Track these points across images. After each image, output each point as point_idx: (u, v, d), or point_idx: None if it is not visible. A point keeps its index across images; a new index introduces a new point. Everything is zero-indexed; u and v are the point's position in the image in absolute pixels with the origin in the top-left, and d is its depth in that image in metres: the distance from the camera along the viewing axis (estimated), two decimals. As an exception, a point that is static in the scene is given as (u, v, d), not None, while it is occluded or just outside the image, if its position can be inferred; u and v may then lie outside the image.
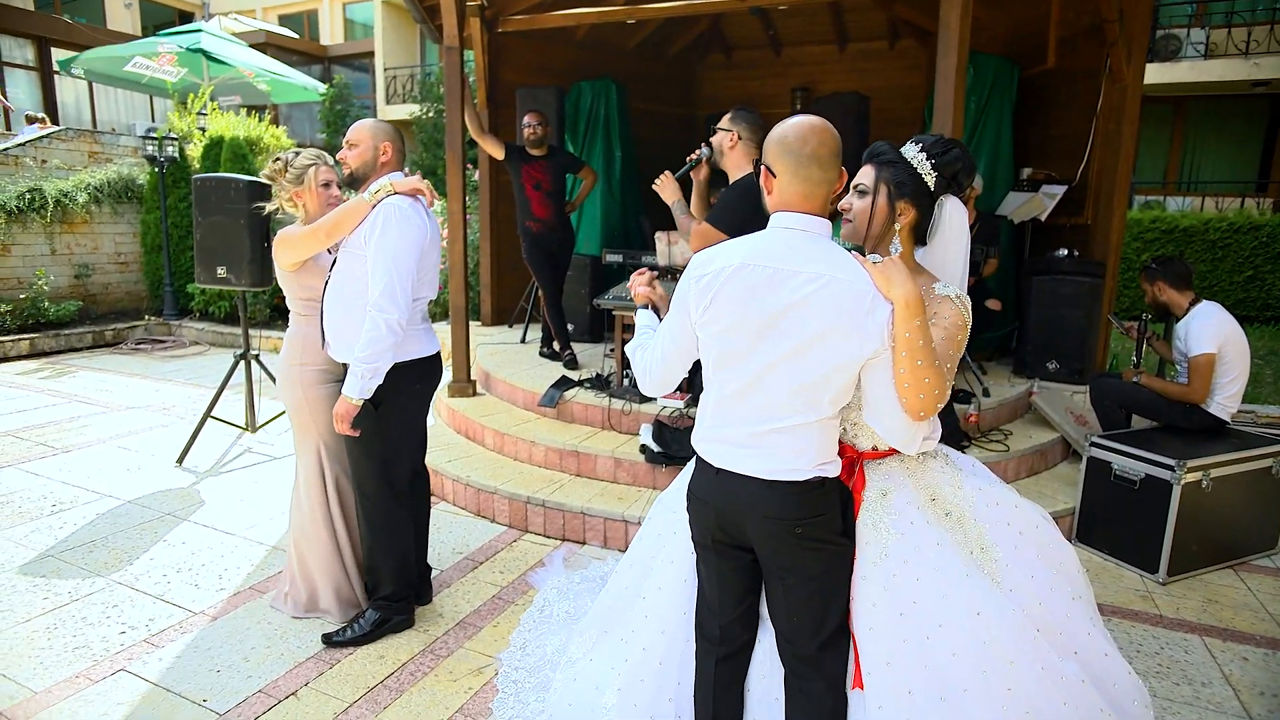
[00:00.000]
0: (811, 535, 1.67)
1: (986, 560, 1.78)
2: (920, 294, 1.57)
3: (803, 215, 1.64)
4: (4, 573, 3.12)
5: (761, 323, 1.59)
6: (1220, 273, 9.09)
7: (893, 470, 1.80)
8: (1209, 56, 10.61)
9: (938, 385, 1.56)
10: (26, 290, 7.74)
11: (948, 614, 1.69)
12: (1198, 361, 3.47)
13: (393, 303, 2.42)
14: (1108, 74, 4.70)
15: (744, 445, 1.67)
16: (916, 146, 1.79)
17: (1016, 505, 1.85)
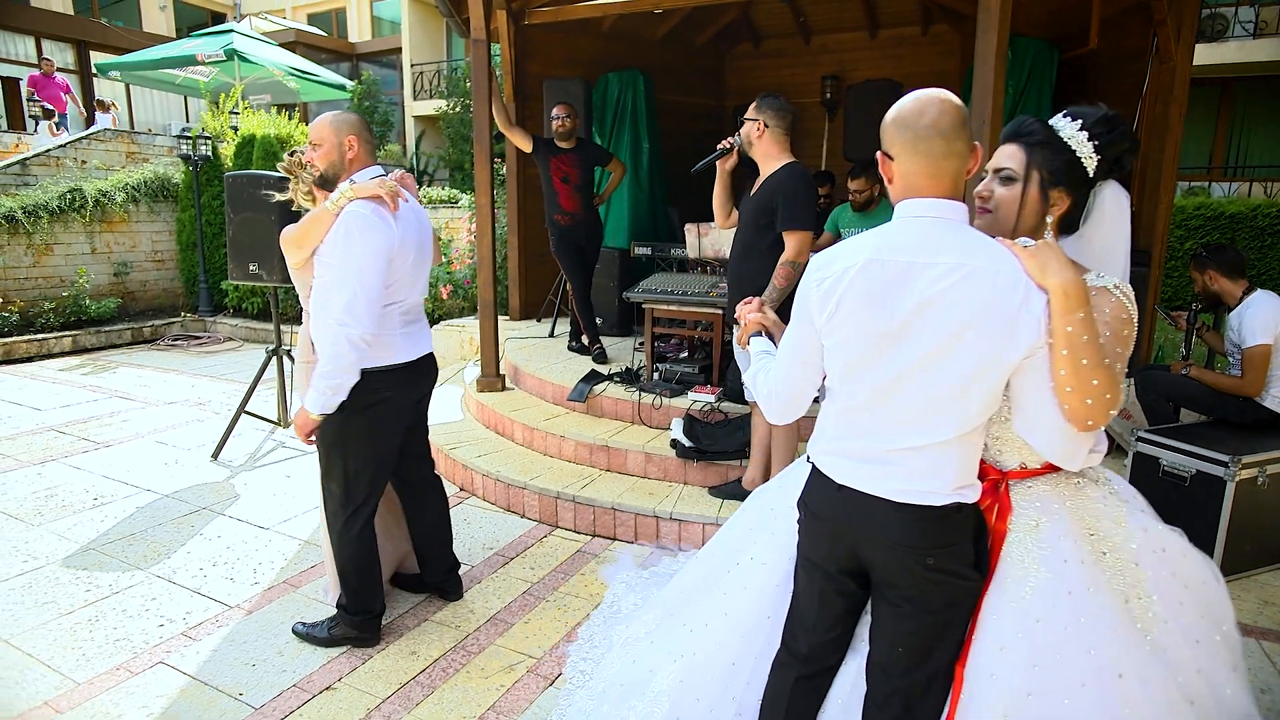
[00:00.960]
0: (942, 566, 1.48)
1: (1143, 613, 1.53)
2: (1081, 280, 1.35)
3: (933, 200, 1.43)
4: (48, 565, 3.18)
5: (894, 324, 1.41)
6: (1270, 261, 8.76)
7: (1045, 496, 1.56)
8: (1259, 35, 10.22)
9: (1108, 388, 1.34)
10: (68, 288, 7.93)
11: (1090, 674, 1.46)
12: (1252, 353, 3.33)
13: (354, 317, 2.30)
14: (1154, 54, 4.53)
15: (871, 461, 1.49)
16: (1074, 123, 1.52)
17: (1185, 555, 1.60)
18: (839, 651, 1.69)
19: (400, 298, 2.51)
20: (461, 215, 8.43)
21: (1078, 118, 1.52)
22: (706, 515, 3.37)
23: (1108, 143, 1.51)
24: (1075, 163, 1.50)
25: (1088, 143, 1.50)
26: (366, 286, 2.32)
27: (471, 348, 6.64)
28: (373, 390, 2.45)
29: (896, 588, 1.53)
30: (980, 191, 1.56)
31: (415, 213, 2.58)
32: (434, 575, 2.92)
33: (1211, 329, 3.94)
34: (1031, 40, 5.12)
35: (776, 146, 3.05)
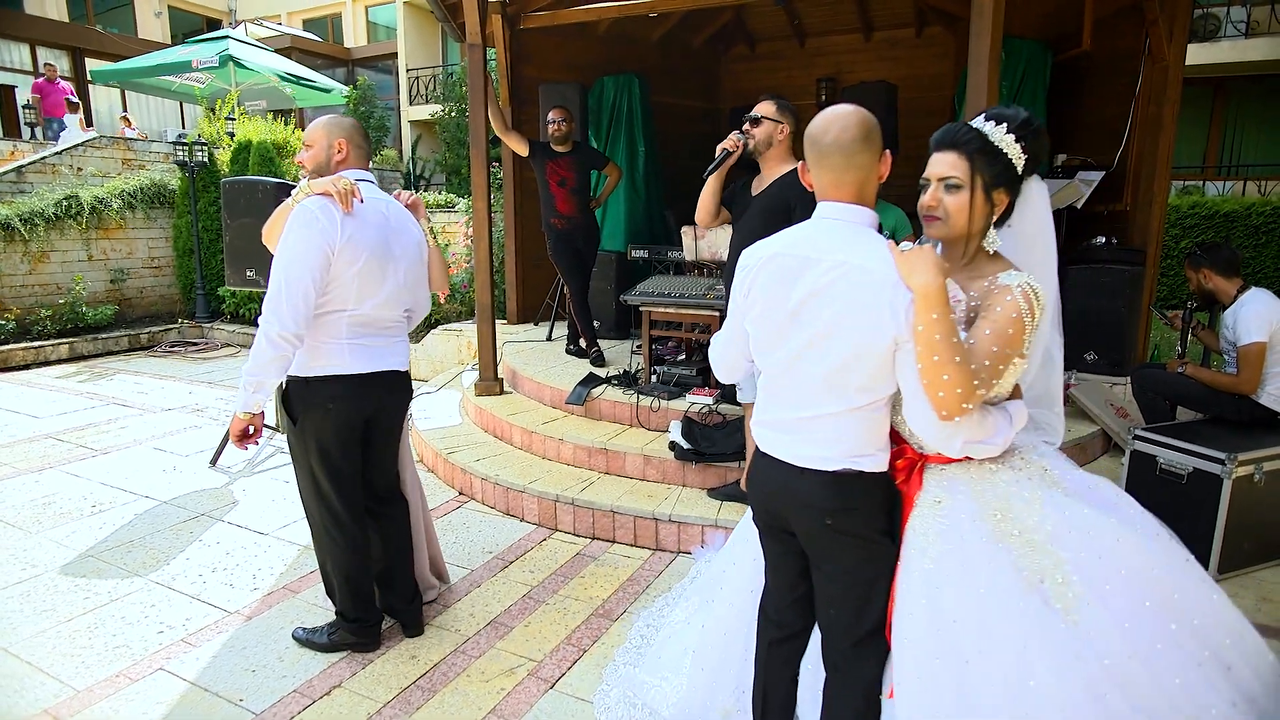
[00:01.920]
0: (843, 528, 1.65)
1: (1061, 594, 1.57)
2: (941, 284, 1.47)
3: (838, 204, 1.63)
4: (46, 573, 3.18)
5: (789, 309, 1.62)
6: (1264, 259, 8.80)
7: (953, 477, 1.67)
8: (1251, 35, 10.27)
9: (959, 384, 1.46)
10: (65, 295, 7.92)
11: (989, 642, 1.56)
12: (1248, 351, 3.34)
13: (275, 314, 2.22)
14: (1147, 55, 4.55)
15: (783, 430, 1.69)
16: (1000, 126, 1.64)
17: (1119, 539, 1.62)
18: (804, 617, 1.83)
19: (344, 306, 2.36)
20: (458, 220, 8.43)
21: (1001, 121, 1.64)
22: (706, 517, 3.37)
23: (1031, 143, 1.64)
24: (1009, 164, 1.63)
25: (1015, 144, 1.63)
26: (291, 283, 2.23)
27: (469, 352, 6.64)
28: (315, 397, 2.39)
29: (815, 549, 1.71)
30: (927, 201, 1.66)
31: (385, 221, 2.44)
32: (398, 599, 2.72)
33: (1207, 327, 3.96)
34: (1025, 42, 5.15)
35: (790, 151, 3.08)
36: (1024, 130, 1.63)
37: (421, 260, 2.62)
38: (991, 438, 1.60)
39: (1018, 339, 1.56)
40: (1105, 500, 1.72)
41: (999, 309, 1.57)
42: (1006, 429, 1.61)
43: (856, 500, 1.64)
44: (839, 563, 1.68)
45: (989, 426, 1.59)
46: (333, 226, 2.28)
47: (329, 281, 2.32)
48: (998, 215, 1.67)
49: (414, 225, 2.61)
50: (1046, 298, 1.60)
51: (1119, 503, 1.74)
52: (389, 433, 2.64)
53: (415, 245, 2.58)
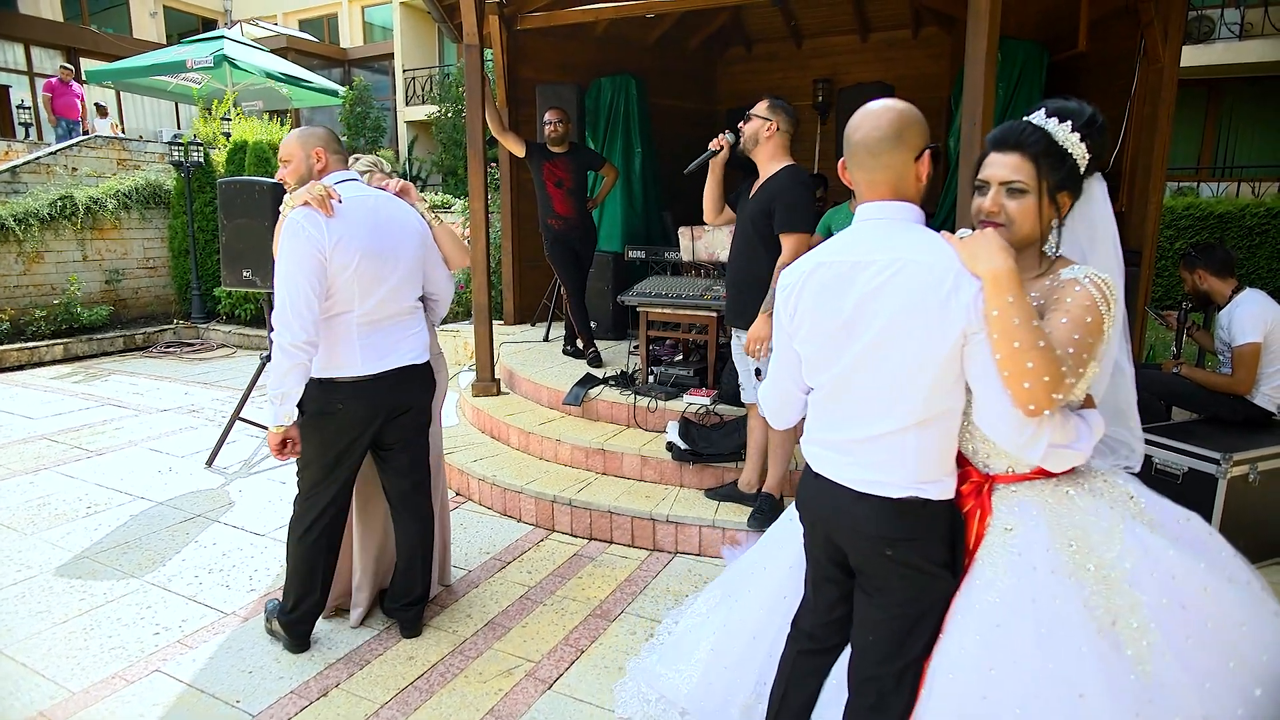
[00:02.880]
0: (904, 559, 1.53)
1: (1134, 640, 1.43)
2: (1012, 265, 1.38)
3: (878, 203, 1.54)
4: (42, 574, 3.16)
5: (841, 320, 1.51)
6: (1258, 260, 8.84)
7: (1025, 501, 1.54)
8: (1244, 37, 10.32)
9: (1046, 370, 1.34)
10: (60, 296, 7.89)
11: (1047, 684, 1.43)
12: (1242, 351, 3.36)
13: (285, 325, 2.27)
14: (1142, 56, 4.57)
15: (839, 451, 1.58)
16: (1064, 124, 1.53)
17: (1206, 589, 1.47)
18: (840, 634, 1.74)
19: (350, 307, 2.38)
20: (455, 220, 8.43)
21: (1065, 118, 1.53)
22: (703, 518, 3.37)
23: (1095, 141, 1.54)
24: (1075, 166, 1.54)
25: (1080, 143, 1.53)
26: (293, 293, 2.28)
27: (466, 352, 6.64)
28: (324, 401, 2.42)
29: (867, 576, 1.60)
30: (988, 206, 1.55)
31: (374, 217, 2.43)
32: (393, 601, 2.74)
33: (1202, 328, 3.97)
34: (1021, 43, 5.17)
35: (781, 149, 3.07)
36: (1089, 128, 1.53)
37: (424, 245, 2.60)
38: (1075, 443, 1.46)
39: (1098, 329, 1.44)
40: (1195, 539, 1.58)
41: (1070, 299, 1.46)
42: (1089, 435, 1.48)
43: (919, 530, 1.52)
44: (891, 594, 1.57)
45: (1070, 430, 1.45)
46: (320, 233, 2.31)
47: (330, 286, 2.35)
48: (1062, 215, 1.58)
49: (408, 213, 2.58)
50: (1119, 292, 1.49)
51: (1209, 543, 1.59)
52: (410, 430, 2.61)
53: (413, 234, 2.55)
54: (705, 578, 3.18)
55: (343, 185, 2.46)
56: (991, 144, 1.58)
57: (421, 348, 2.57)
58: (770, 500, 3.30)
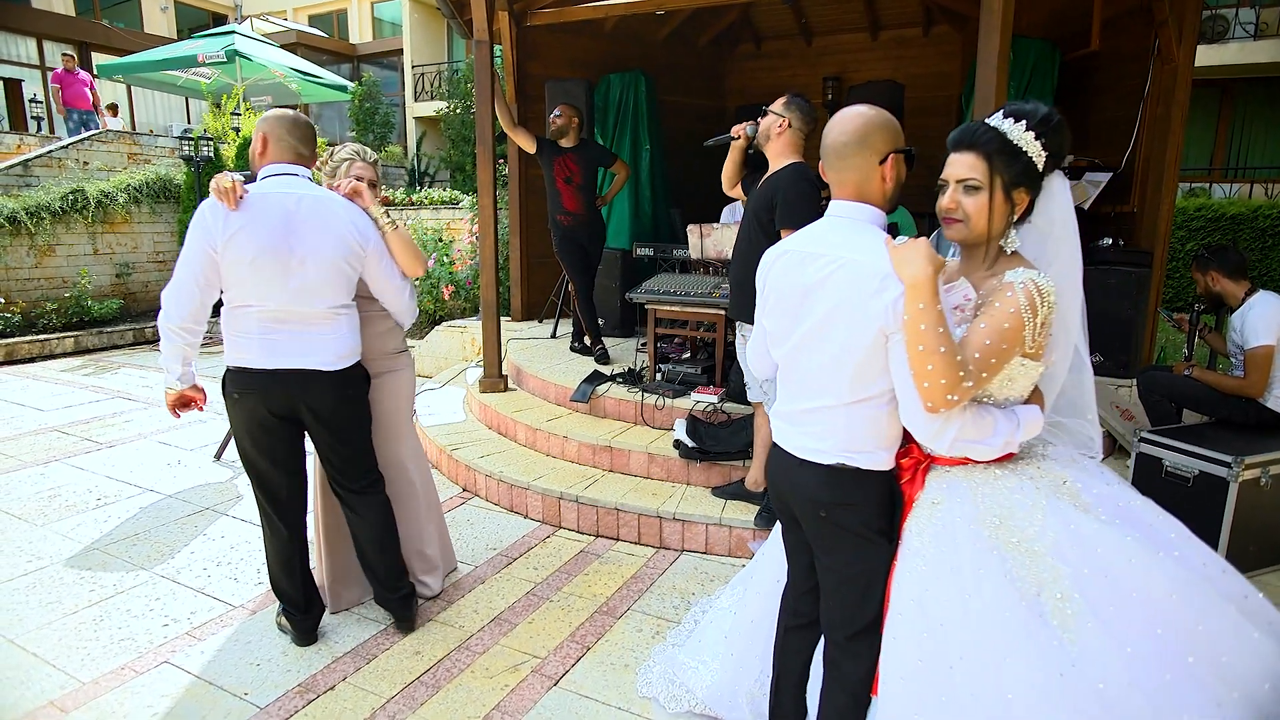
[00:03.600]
0: (838, 522, 1.67)
1: (1059, 609, 1.50)
2: (930, 275, 1.46)
3: (843, 202, 1.67)
4: (52, 565, 3.19)
5: (791, 303, 1.68)
6: (1270, 262, 8.77)
7: (954, 480, 1.65)
8: (1259, 37, 10.23)
9: (942, 374, 1.45)
10: (70, 289, 7.94)
11: (971, 648, 1.53)
12: (1255, 354, 3.33)
13: (164, 305, 2.42)
14: (1156, 56, 4.53)
15: (789, 421, 1.75)
16: (1019, 124, 1.59)
17: (1131, 560, 1.52)
18: (819, 606, 1.84)
19: (248, 301, 2.38)
20: (463, 216, 8.43)
21: (1020, 118, 1.59)
22: (710, 516, 3.37)
23: (1052, 139, 1.59)
24: (1029, 163, 1.60)
25: (1035, 141, 1.59)
26: (177, 277, 2.37)
27: (473, 348, 6.65)
28: (230, 386, 2.50)
29: (815, 542, 1.75)
30: (946, 204, 1.64)
31: (288, 217, 2.35)
32: (380, 596, 2.73)
33: (1214, 330, 3.94)
34: (1033, 41, 5.13)
35: (790, 147, 3.06)
36: (1044, 126, 1.59)
37: (352, 251, 2.44)
38: (987, 439, 1.57)
39: (1014, 335, 1.52)
40: (1135, 520, 1.62)
41: (998, 304, 1.55)
42: (1007, 432, 1.57)
43: (853, 496, 1.65)
44: (835, 556, 1.71)
45: (984, 426, 1.56)
46: (215, 225, 2.32)
47: (226, 278, 2.37)
48: (1018, 215, 1.64)
49: (336, 218, 2.42)
50: (1057, 295, 1.57)
51: (1156, 525, 1.63)
52: (331, 430, 2.52)
53: (333, 239, 2.40)
54: (712, 576, 3.18)
55: (274, 179, 2.41)
56: (950, 144, 1.66)
57: (330, 355, 2.44)
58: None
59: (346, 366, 2.50)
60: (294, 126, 2.46)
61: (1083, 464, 1.72)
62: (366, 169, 2.66)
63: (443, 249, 7.74)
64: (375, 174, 2.69)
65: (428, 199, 9.22)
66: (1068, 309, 1.66)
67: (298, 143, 2.46)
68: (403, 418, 2.87)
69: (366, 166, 2.66)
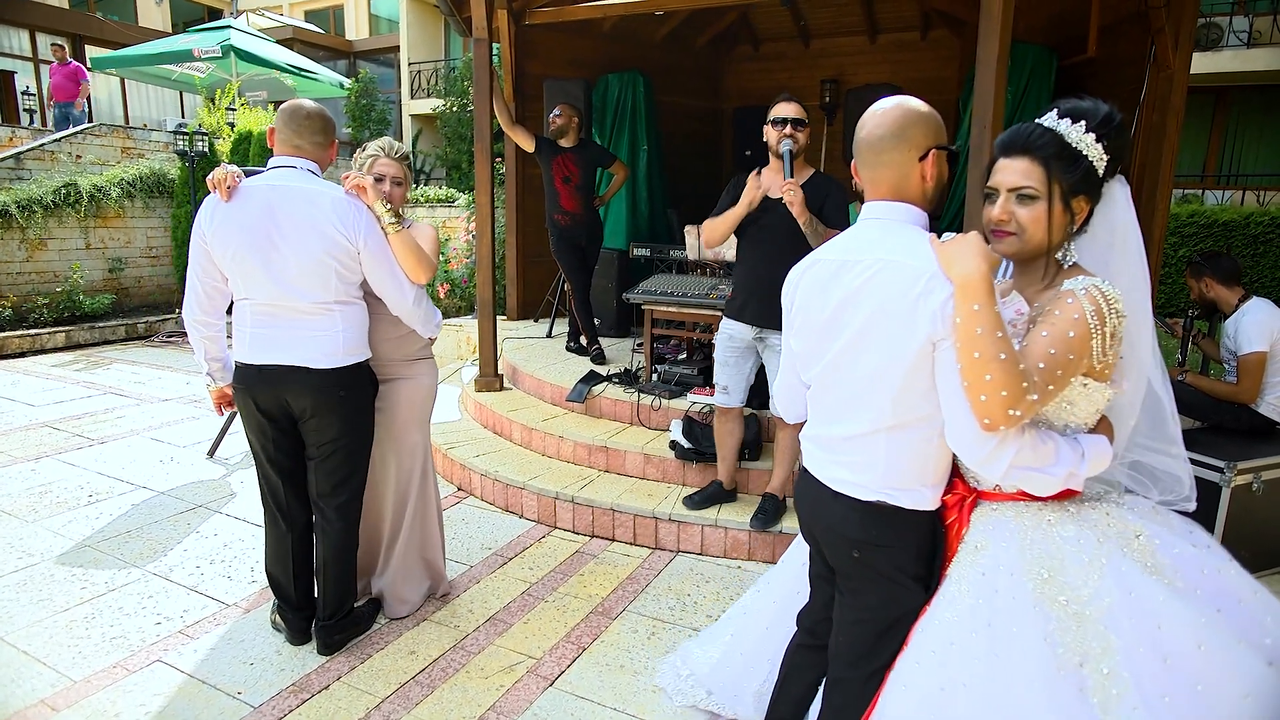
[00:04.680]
0: (872, 564, 1.52)
1: (1101, 686, 1.32)
2: (985, 272, 1.30)
3: (879, 203, 1.52)
4: (43, 562, 3.16)
5: (825, 317, 1.52)
6: (1262, 268, 8.83)
7: (1002, 523, 1.47)
8: (1253, 45, 10.30)
9: (1004, 384, 1.27)
10: (62, 284, 7.89)
11: (990, 714, 1.37)
12: (1248, 360, 3.36)
13: (185, 300, 2.52)
14: (1152, 63, 4.56)
15: (823, 448, 1.59)
16: (1077, 125, 1.44)
17: (1202, 646, 1.31)
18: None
19: (242, 294, 2.40)
20: (459, 214, 8.42)
21: (1079, 118, 1.44)
22: (705, 517, 3.37)
23: (1115, 142, 1.45)
24: (1090, 168, 1.44)
25: (1096, 144, 1.44)
26: (189, 272, 2.46)
27: (469, 347, 6.64)
28: (235, 379, 2.52)
29: (841, 576, 1.61)
30: (998, 215, 1.48)
31: (270, 210, 2.31)
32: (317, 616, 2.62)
33: (1207, 336, 3.97)
34: (1031, 46, 5.16)
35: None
36: (1105, 127, 1.44)
37: (334, 247, 2.35)
38: (1049, 467, 1.37)
39: (1081, 345, 1.36)
40: (1222, 594, 1.41)
41: (1058, 312, 1.39)
42: (1071, 462, 1.38)
43: (888, 537, 1.49)
44: (860, 597, 1.56)
45: (1045, 453, 1.37)
46: (204, 218, 2.37)
47: (221, 270, 2.42)
48: (1078, 225, 1.47)
49: (324, 211, 2.34)
50: (1123, 304, 1.40)
51: (1249, 604, 1.41)
52: (314, 429, 2.46)
53: (317, 234, 2.33)
54: (708, 577, 3.18)
55: (271, 171, 2.42)
56: (1000, 149, 1.51)
57: (317, 351, 2.38)
58: (773, 500, 3.30)
59: (338, 365, 2.41)
60: (290, 119, 2.44)
61: (1166, 517, 1.52)
62: (390, 165, 2.60)
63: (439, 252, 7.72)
64: (401, 170, 2.62)
65: (423, 197, 9.20)
66: (1136, 330, 1.49)
67: (293, 134, 2.43)
68: (414, 428, 2.76)
69: (390, 163, 2.61)
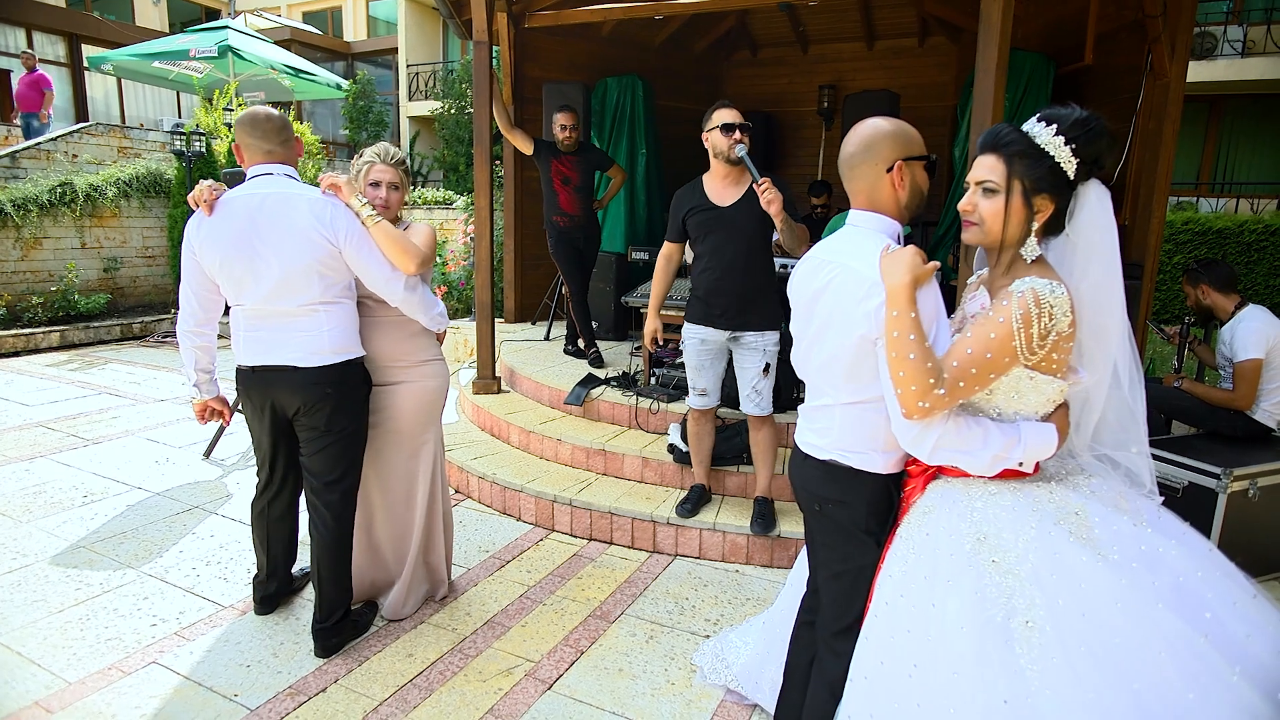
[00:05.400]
0: (831, 517, 1.74)
1: (1025, 638, 1.43)
2: (906, 284, 1.48)
3: (857, 212, 1.73)
4: (37, 563, 3.14)
5: (804, 306, 1.76)
6: (1256, 276, 8.89)
7: (951, 492, 1.62)
8: (1247, 54, 10.38)
9: (912, 380, 1.46)
10: (57, 283, 7.85)
11: (927, 659, 1.51)
12: (1244, 367, 3.38)
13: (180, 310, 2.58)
14: (1149, 71, 4.59)
15: (803, 417, 1.83)
16: (1049, 128, 1.53)
17: (1122, 604, 1.40)
18: None
19: (234, 300, 2.47)
20: (456, 217, 8.42)
21: (1052, 122, 1.53)
22: (704, 520, 3.37)
23: (1085, 145, 1.52)
24: (1055, 168, 1.53)
25: (1064, 147, 1.52)
26: (181, 284, 2.54)
27: (466, 349, 6.63)
28: (236, 379, 2.58)
29: (811, 534, 1.84)
30: (964, 205, 1.62)
31: (253, 216, 2.36)
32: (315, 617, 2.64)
33: (1203, 343, 3.99)
34: (1028, 54, 5.18)
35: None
36: (1075, 131, 1.51)
37: (315, 247, 2.38)
38: (973, 450, 1.52)
39: (999, 345, 1.47)
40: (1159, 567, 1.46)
41: (991, 312, 1.52)
42: (999, 446, 1.51)
43: (845, 494, 1.71)
44: (828, 551, 1.78)
45: (970, 437, 1.52)
46: (191, 231, 2.45)
47: (212, 279, 2.48)
48: (1039, 222, 1.56)
49: (300, 213, 2.38)
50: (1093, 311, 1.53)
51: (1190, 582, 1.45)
52: (307, 429, 2.52)
53: (298, 235, 2.37)
54: (706, 581, 3.18)
55: (251, 180, 2.45)
56: (978, 146, 1.65)
57: (306, 350, 2.43)
58: (765, 503, 3.32)
59: (325, 363, 2.45)
60: (253, 127, 2.47)
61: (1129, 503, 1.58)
62: (385, 171, 2.60)
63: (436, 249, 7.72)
64: (398, 175, 2.62)
65: (421, 199, 9.19)
66: (1102, 326, 1.58)
67: (260, 141, 2.46)
68: (417, 432, 2.76)
69: (385, 169, 2.61)
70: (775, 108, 7.37)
